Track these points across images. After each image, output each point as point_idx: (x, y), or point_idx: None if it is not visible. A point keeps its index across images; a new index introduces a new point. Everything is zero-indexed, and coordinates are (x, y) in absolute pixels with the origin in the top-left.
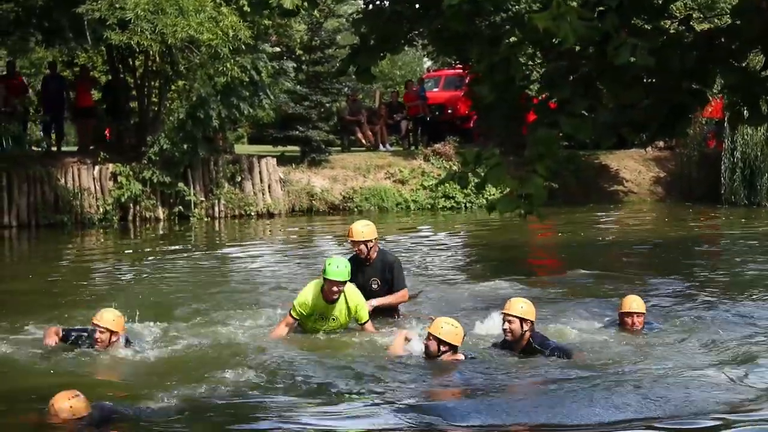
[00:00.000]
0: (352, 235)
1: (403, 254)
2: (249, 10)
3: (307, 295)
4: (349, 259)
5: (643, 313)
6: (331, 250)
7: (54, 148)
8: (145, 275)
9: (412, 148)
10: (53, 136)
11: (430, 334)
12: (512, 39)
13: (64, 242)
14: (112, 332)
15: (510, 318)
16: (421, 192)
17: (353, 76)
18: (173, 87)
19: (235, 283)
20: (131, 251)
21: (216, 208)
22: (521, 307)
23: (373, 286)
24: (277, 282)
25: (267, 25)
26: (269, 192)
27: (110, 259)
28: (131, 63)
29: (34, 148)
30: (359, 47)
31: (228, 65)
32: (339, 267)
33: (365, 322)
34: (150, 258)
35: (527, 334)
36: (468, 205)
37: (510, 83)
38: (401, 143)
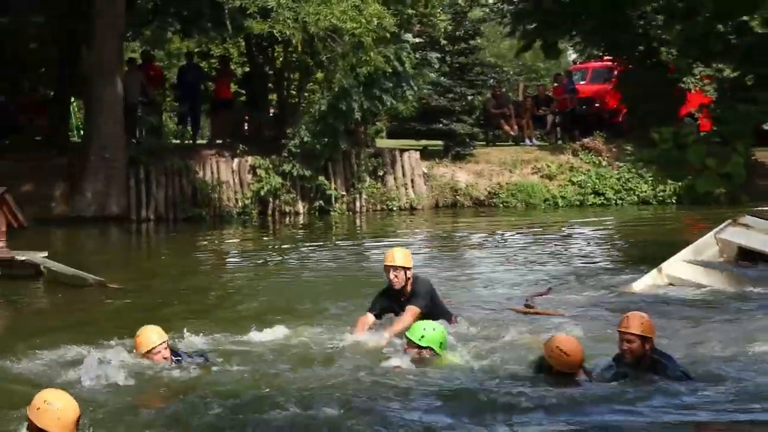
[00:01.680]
0: (389, 260)
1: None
2: None
3: (381, 290)
4: (381, 292)
5: None
6: (475, 246)
7: (190, 141)
8: (283, 271)
9: (559, 142)
10: (189, 128)
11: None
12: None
13: (203, 236)
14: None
15: (629, 337)
16: (570, 187)
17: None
18: (314, 78)
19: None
20: (270, 246)
21: (357, 203)
22: (641, 324)
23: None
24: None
25: (410, 14)
26: (412, 186)
27: (249, 253)
28: (270, 53)
29: (172, 140)
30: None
31: (371, 55)
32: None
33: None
34: (291, 253)
35: (648, 353)
36: (618, 201)
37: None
38: (547, 138)
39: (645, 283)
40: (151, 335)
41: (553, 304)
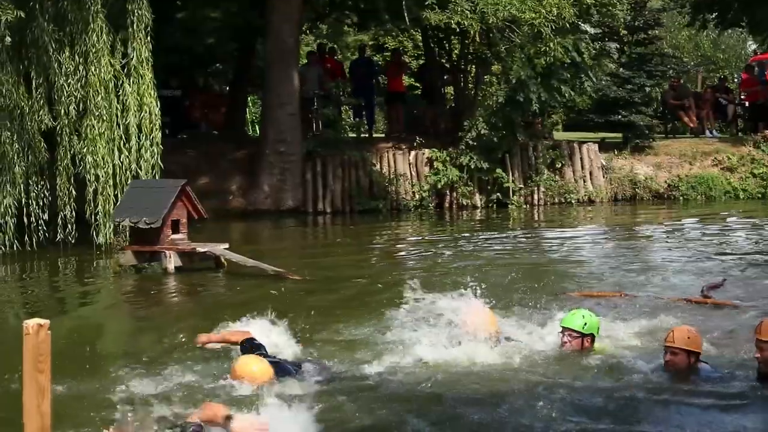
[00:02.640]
0: (469, 317)
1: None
2: None
3: None
4: None
5: None
6: (653, 238)
7: (366, 134)
8: (459, 261)
9: (740, 134)
10: (357, 121)
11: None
12: None
13: (380, 228)
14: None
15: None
16: (751, 180)
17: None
18: (491, 70)
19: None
20: (447, 237)
21: (535, 195)
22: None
23: None
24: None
25: (589, 3)
26: (590, 179)
27: (431, 246)
28: (447, 45)
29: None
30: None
31: (550, 46)
32: (572, 315)
33: None
34: (469, 245)
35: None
36: None
37: None
38: (728, 129)
39: None
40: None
41: (728, 295)
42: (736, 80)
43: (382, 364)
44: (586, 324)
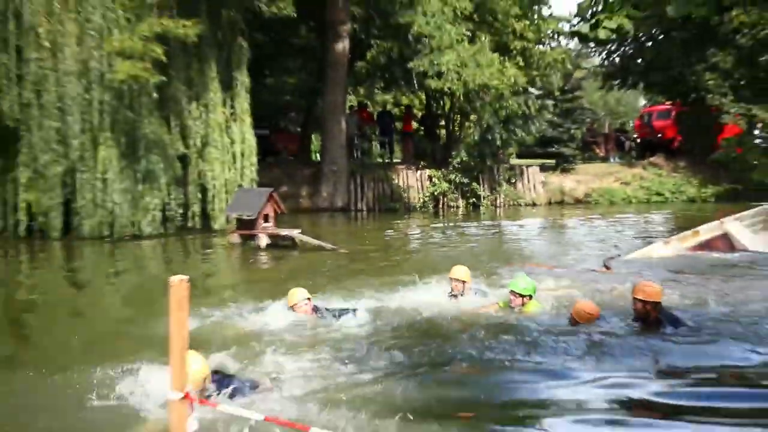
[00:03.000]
0: (454, 274)
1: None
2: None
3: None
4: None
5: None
6: (572, 227)
7: (388, 160)
8: (447, 242)
9: (633, 160)
10: (383, 151)
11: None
12: None
13: (397, 220)
14: (308, 299)
15: (637, 301)
16: (640, 191)
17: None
18: (470, 118)
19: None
20: (441, 226)
21: (497, 200)
22: (644, 290)
23: None
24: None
25: (535, 74)
26: (534, 189)
27: (427, 229)
28: (441, 102)
29: (378, 160)
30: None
31: (509, 102)
32: (517, 280)
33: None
34: (449, 231)
35: (653, 313)
36: (673, 200)
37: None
38: (625, 157)
39: (658, 250)
40: (296, 293)
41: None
42: (631, 124)
43: (391, 301)
44: (525, 287)
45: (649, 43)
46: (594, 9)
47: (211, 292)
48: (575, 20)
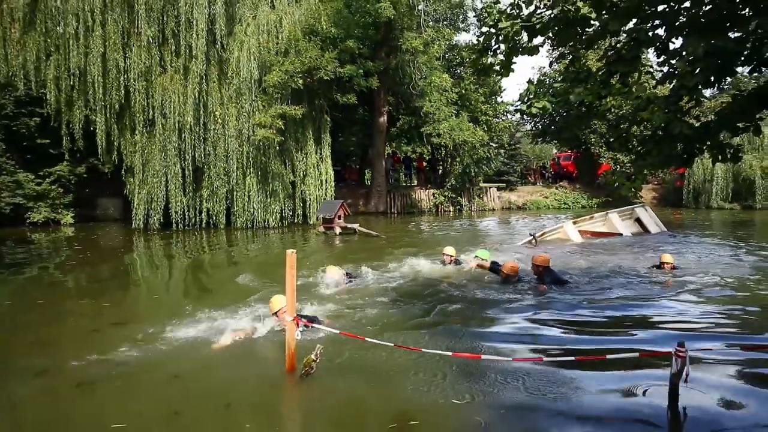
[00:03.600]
0: (446, 251)
1: (542, 221)
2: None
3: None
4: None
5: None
6: (511, 221)
7: (409, 184)
8: (442, 231)
9: (550, 183)
10: (406, 179)
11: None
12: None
13: (415, 220)
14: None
15: (533, 265)
16: (553, 200)
17: (523, 153)
18: (456, 159)
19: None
20: (443, 221)
21: (473, 207)
22: (536, 259)
23: None
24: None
25: (493, 135)
26: (493, 201)
27: (434, 224)
28: (440, 150)
29: (403, 183)
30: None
31: (480, 150)
32: (480, 252)
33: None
34: (446, 223)
35: (541, 271)
36: (572, 206)
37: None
38: (545, 182)
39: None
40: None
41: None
42: (548, 163)
43: (404, 266)
44: (483, 257)
45: (557, 118)
46: (528, 97)
47: (309, 259)
48: (517, 103)
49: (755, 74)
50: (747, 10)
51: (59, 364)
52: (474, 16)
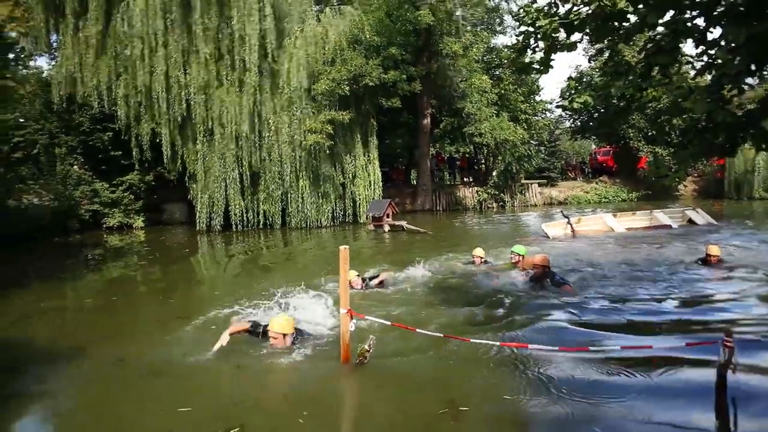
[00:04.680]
0: (475, 253)
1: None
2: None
3: None
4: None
5: None
6: (551, 214)
7: (453, 182)
8: (486, 227)
9: (590, 178)
10: (450, 178)
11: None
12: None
13: (460, 217)
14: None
15: (532, 267)
16: (593, 195)
17: (563, 149)
18: (498, 158)
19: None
20: (482, 219)
21: (515, 203)
22: (534, 259)
23: None
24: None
25: (533, 132)
26: (535, 197)
27: (480, 218)
28: (482, 148)
29: (447, 182)
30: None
31: (521, 148)
32: (516, 247)
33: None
34: (482, 221)
35: (541, 272)
36: (613, 200)
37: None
38: (585, 178)
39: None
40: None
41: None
42: (587, 159)
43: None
44: (522, 250)
45: (596, 114)
46: (569, 93)
47: (360, 254)
48: (557, 100)
49: None
50: None
51: (133, 354)
52: (513, 18)
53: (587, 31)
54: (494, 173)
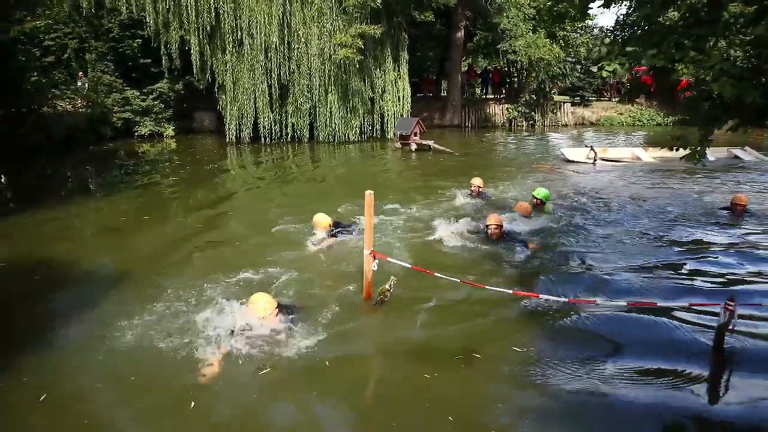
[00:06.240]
0: (473, 182)
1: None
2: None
3: None
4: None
5: None
6: (579, 135)
7: (484, 97)
8: (513, 146)
9: (626, 100)
10: (481, 93)
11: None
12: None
13: (488, 135)
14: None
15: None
16: (628, 116)
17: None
18: (532, 75)
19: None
20: (511, 138)
21: (546, 122)
22: (496, 217)
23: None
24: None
25: (570, 50)
26: (567, 116)
27: (508, 138)
28: (515, 66)
29: (480, 97)
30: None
31: (555, 67)
32: (539, 190)
33: None
34: (510, 140)
35: (500, 232)
36: (647, 123)
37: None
38: (620, 99)
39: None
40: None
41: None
42: (626, 79)
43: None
44: (541, 194)
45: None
46: (603, 53)
47: (385, 178)
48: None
49: None
50: None
51: (164, 282)
52: None
53: None
54: (526, 91)
